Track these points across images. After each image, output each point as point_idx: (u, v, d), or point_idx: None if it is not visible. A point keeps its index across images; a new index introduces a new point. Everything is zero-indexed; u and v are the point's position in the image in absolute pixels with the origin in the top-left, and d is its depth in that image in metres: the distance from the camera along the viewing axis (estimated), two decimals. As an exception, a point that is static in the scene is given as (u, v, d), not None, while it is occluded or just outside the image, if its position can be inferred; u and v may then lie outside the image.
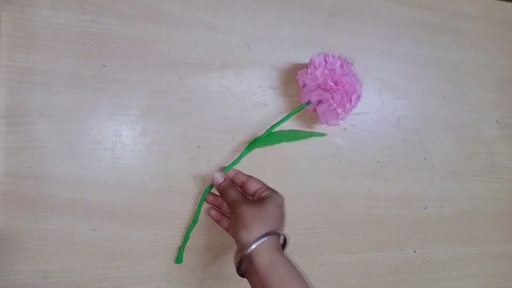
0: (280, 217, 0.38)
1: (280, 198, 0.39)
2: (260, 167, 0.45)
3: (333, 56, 0.42)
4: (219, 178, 0.41)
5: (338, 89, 0.40)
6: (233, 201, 0.39)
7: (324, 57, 0.41)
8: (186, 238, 0.43)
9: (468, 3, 0.54)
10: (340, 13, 0.49)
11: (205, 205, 0.44)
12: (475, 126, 0.54)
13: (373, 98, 0.50)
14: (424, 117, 0.52)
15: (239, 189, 0.41)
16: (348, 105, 0.40)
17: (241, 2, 0.46)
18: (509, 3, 0.56)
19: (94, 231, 0.41)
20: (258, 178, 0.42)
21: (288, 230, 0.38)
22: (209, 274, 0.45)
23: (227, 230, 0.43)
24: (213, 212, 0.44)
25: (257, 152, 0.43)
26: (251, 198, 0.41)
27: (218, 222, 0.44)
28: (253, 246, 0.34)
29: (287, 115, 0.42)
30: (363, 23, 0.50)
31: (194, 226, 0.43)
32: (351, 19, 0.49)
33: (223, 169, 0.42)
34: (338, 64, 0.40)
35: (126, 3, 0.42)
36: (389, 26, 0.51)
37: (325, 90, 0.40)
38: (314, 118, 0.47)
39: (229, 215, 0.43)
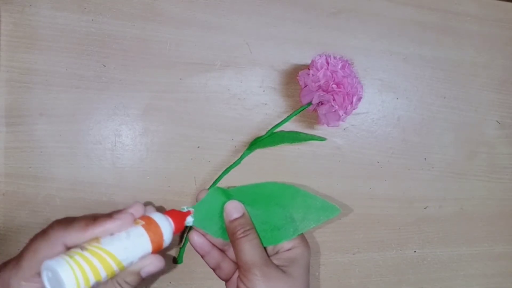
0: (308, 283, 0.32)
1: (308, 254, 0.33)
2: (260, 167, 0.45)
3: (334, 57, 0.42)
4: (233, 210, 0.32)
5: (339, 91, 0.40)
6: (248, 263, 0.30)
7: (326, 58, 0.41)
8: (186, 238, 0.43)
9: (468, 3, 0.54)
10: (340, 13, 0.49)
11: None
12: (475, 126, 0.54)
13: (373, 98, 0.50)
14: (424, 117, 0.52)
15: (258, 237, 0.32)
16: (349, 107, 0.40)
17: (241, 2, 0.46)
18: (509, 3, 0.56)
19: (94, 231, 0.41)
20: (258, 178, 0.41)
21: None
22: (209, 274, 0.45)
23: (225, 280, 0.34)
24: (199, 241, 0.34)
25: (256, 152, 0.43)
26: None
27: (214, 268, 0.35)
28: None
29: (288, 116, 0.42)
30: (363, 23, 0.50)
31: (194, 226, 0.43)
32: (351, 19, 0.49)
33: (226, 172, 0.41)
34: (340, 66, 0.40)
35: (126, 3, 0.42)
36: (389, 26, 0.51)
37: (327, 91, 0.40)
38: (314, 118, 0.47)
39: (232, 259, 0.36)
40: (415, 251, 0.51)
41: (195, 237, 0.35)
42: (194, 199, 0.44)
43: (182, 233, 0.44)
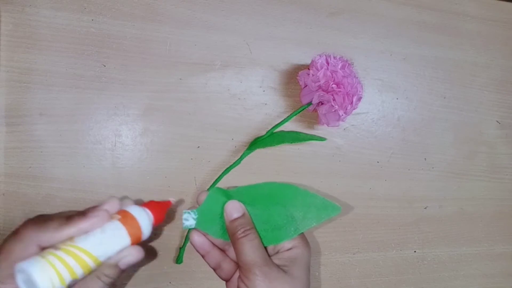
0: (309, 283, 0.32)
1: (308, 254, 0.33)
2: (260, 167, 0.45)
3: (334, 57, 0.42)
4: (233, 210, 0.32)
5: (339, 91, 0.40)
6: (249, 263, 0.30)
7: (326, 58, 0.41)
8: (186, 238, 0.43)
9: (468, 3, 0.54)
10: (340, 13, 0.49)
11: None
12: (475, 126, 0.54)
13: (373, 98, 0.50)
14: (424, 117, 0.52)
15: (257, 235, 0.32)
16: (349, 106, 0.40)
17: (241, 2, 0.46)
18: (509, 3, 0.56)
19: (94, 231, 0.41)
20: (258, 178, 0.41)
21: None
22: (209, 274, 0.45)
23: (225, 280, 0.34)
24: (199, 240, 0.34)
25: (256, 151, 0.43)
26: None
27: (214, 268, 0.35)
28: None
29: (288, 116, 0.42)
30: (363, 23, 0.50)
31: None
32: (351, 19, 0.49)
33: (226, 171, 0.41)
34: (340, 66, 0.40)
35: (126, 3, 0.42)
36: (389, 26, 0.51)
37: (327, 91, 0.40)
38: (314, 118, 0.47)
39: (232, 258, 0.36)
40: (415, 251, 0.51)
41: (195, 237, 0.35)
42: (194, 199, 0.44)
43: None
